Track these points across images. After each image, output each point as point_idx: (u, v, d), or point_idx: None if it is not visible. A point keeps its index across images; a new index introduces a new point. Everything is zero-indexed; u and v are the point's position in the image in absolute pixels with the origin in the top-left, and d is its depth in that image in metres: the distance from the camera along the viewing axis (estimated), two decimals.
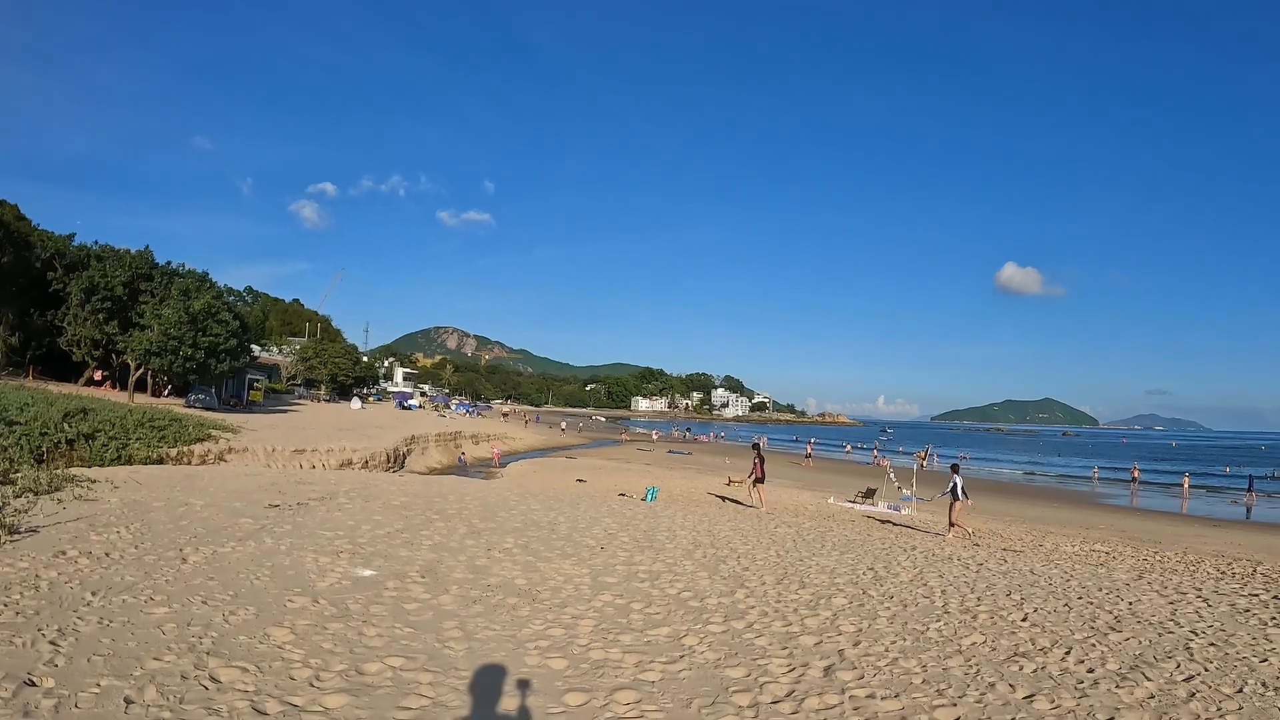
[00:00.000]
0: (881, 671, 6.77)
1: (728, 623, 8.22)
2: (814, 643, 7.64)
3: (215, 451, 28.61)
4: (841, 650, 7.40)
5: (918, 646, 7.62)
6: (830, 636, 7.89)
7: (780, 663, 6.95)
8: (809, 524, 19.39)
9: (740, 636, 7.73)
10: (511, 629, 7.53)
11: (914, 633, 8.16)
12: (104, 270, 49.78)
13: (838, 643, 7.67)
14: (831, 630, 8.14)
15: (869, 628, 8.29)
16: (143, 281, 51.28)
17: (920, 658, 7.21)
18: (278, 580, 8.72)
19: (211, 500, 14.22)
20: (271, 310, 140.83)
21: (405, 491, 17.71)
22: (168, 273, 53.60)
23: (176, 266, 55.12)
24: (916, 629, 8.32)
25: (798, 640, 7.69)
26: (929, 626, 8.42)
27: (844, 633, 8.05)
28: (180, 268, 55.21)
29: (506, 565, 10.46)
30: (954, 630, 8.30)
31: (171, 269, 54.48)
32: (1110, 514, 36.95)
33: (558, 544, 12.45)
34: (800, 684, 6.41)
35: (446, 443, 54.90)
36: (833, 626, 8.29)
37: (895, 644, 7.68)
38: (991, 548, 18.89)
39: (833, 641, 7.71)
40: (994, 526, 25.94)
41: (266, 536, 11.16)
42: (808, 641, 7.68)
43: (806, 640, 7.70)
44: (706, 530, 15.44)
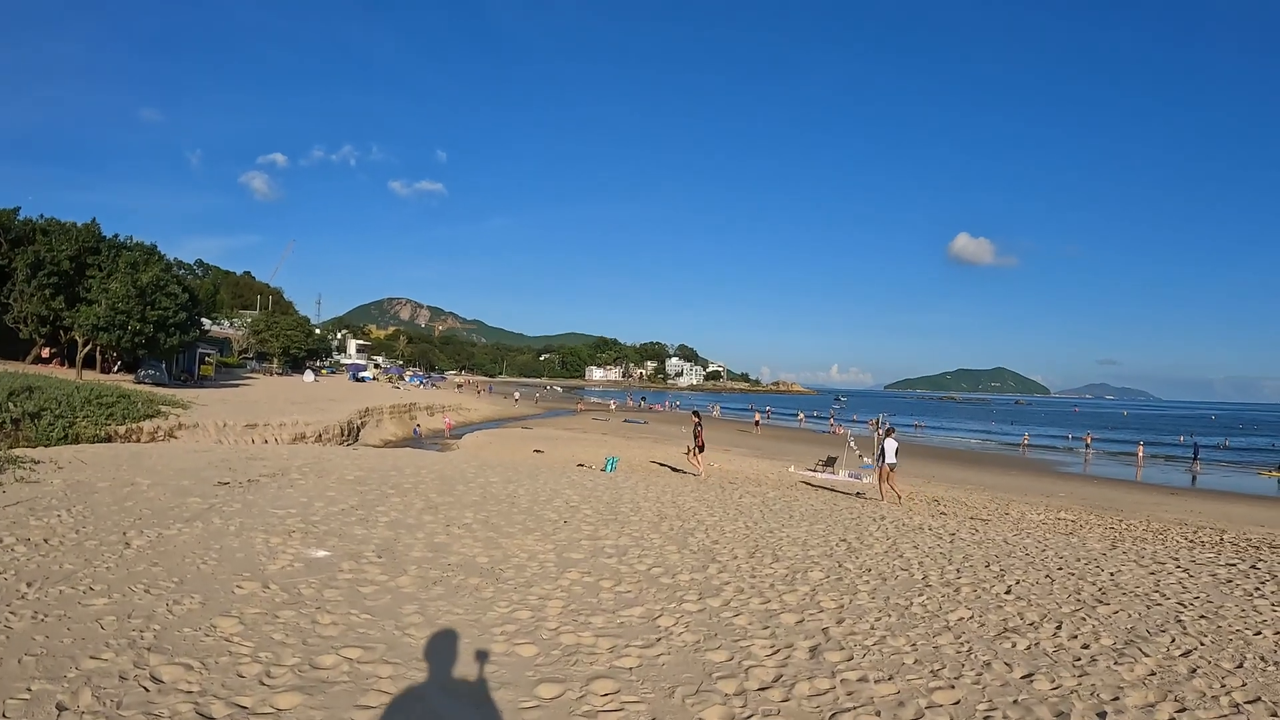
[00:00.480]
0: (870, 652, 6.46)
1: (703, 600, 7.83)
2: (795, 621, 7.31)
3: (165, 428, 27.79)
4: (826, 629, 7.08)
5: (904, 623, 7.34)
6: (812, 614, 7.56)
7: (763, 644, 6.58)
8: (773, 494, 19.11)
9: (718, 615, 7.35)
10: (475, 612, 7.03)
11: (898, 608, 7.88)
12: (50, 244, 48.11)
13: (820, 620, 7.34)
14: (812, 607, 7.81)
15: (850, 604, 8.00)
16: (90, 255, 49.64)
17: (908, 635, 6.94)
18: (226, 564, 8.12)
19: (159, 479, 13.51)
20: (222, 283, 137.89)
21: (360, 466, 17.14)
22: (115, 246, 51.98)
23: (124, 240, 53.55)
24: (899, 604, 8.05)
25: (778, 619, 7.34)
26: (912, 601, 8.16)
27: (825, 609, 7.73)
28: (128, 241, 53.67)
29: (467, 542, 9.98)
30: (938, 605, 8.06)
31: (119, 242, 52.90)
32: (1069, 482, 37.37)
33: (519, 518, 12.00)
34: (787, 667, 6.04)
35: (401, 415, 54.17)
36: (813, 603, 7.97)
37: (880, 621, 7.39)
38: (960, 516, 18.82)
39: (815, 619, 7.37)
40: (956, 494, 25.97)
41: (215, 517, 10.52)
42: (789, 620, 7.33)
43: (788, 619, 7.36)
44: (670, 501, 15.09)
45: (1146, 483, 40.56)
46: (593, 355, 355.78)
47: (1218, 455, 63.18)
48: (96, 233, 51.65)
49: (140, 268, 47.60)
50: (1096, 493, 31.75)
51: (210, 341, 73.52)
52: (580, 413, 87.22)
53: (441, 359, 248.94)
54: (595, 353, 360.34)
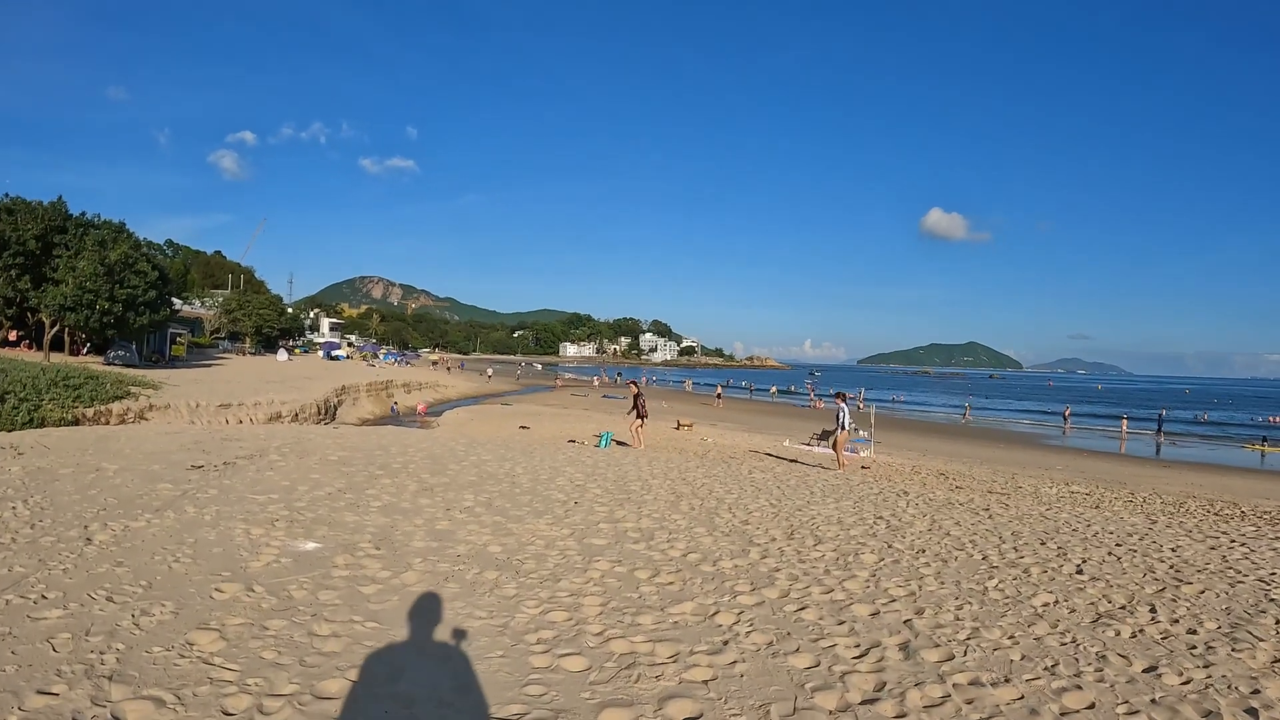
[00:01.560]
0: (969, 648, 5.55)
1: (758, 592, 6.81)
2: (870, 613, 6.34)
3: (135, 410, 26.44)
4: (908, 621, 6.14)
5: (988, 612, 6.44)
6: (884, 604, 6.60)
7: (846, 643, 5.60)
8: (780, 468, 18.20)
9: (781, 610, 6.34)
10: (501, 615, 5.92)
11: (974, 594, 6.98)
12: (15, 224, 46.07)
13: (897, 611, 6.40)
14: (880, 595, 6.86)
15: (922, 590, 7.07)
16: (56, 234, 47.59)
17: (1001, 626, 6.07)
18: (202, 562, 6.92)
19: (126, 464, 12.23)
20: (193, 263, 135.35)
21: (342, 445, 15.95)
22: (82, 224, 49.88)
23: (91, 218, 51.46)
24: (974, 589, 7.15)
25: (850, 611, 6.37)
26: (985, 586, 7.28)
27: (896, 598, 6.78)
28: (95, 219, 51.55)
29: (473, 528, 8.86)
30: (1015, 589, 7.19)
31: (86, 220, 50.79)
32: (1060, 455, 36.87)
33: (523, 499, 10.91)
34: (885, 671, 5.08)
35: (378, 392, 52.89)
36: (879, 590, 7.02)
37: (964, 610, 6.48)
38: (976, 490, 17.98)
39: (891, 610, 6.42)
40: (957, 468, 25.21)
41: (188, 505, 9.30)
42: (862, 612, 6.36)
43: (860, 611, 6.39)
44: (679, 478, 14.07)
45: (1135, 455, 40.14)
46: (566, 332, 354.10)
47: (1197, 429, 63.33)
48: (63, 211, 49.60)
49: (108, 246, 45.69)
50: (1093, 466, 31.19)
51: (182, 321, 71.61)
52: (558, 389, 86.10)
53: (415, 337, 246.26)
54: (569, 329, 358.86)
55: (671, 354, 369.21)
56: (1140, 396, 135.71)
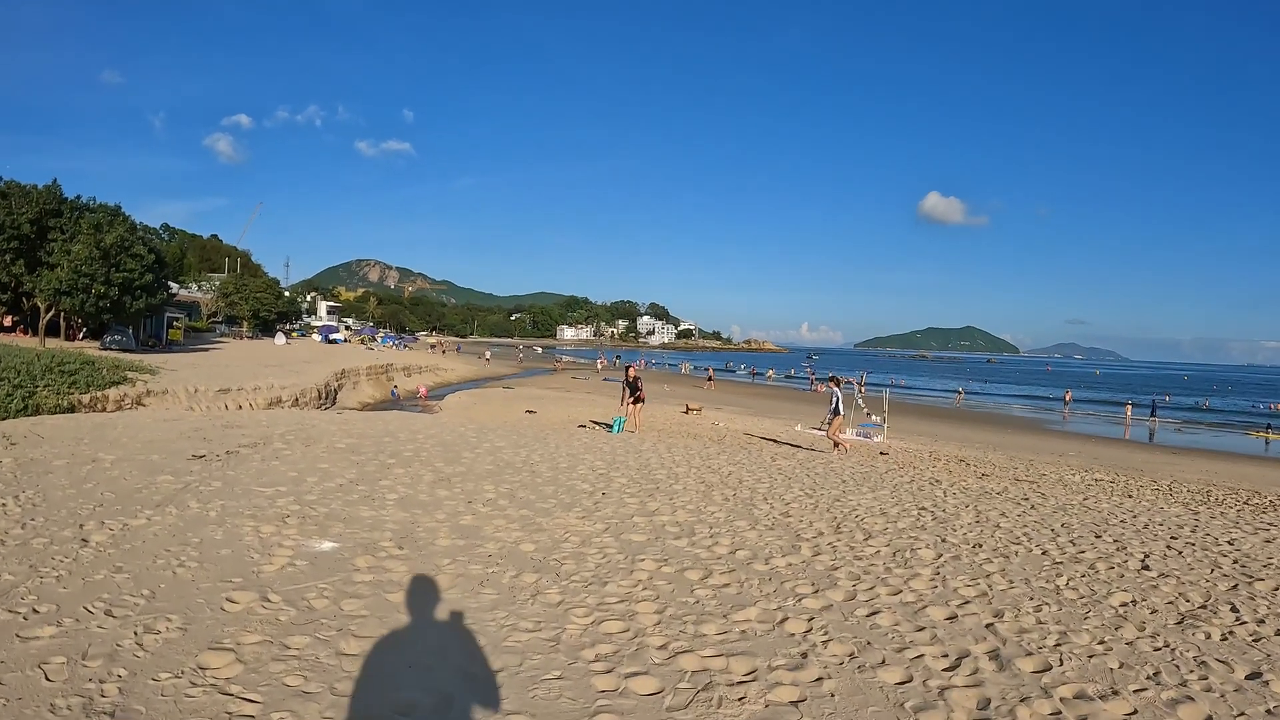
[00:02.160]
0: (1062, 655, 5.09)
1: (822, 594, 6.22)
2: (946, 617, 5.80)
3: (132, 395, 25.78)
4: (990, 626, 5.62)
5: (1069, 614, 5.96)
6: (958, 605, 6.06)
7: (932, 653, 5.07)
8: (800, 454, 17.60)
9: (852, 614, 5.77)
10: (549, 627, 5.28)
11: (1047, 593, 6.48)
12: (9, 208, 45.12)
13: (975, 614, 5.87)
14: (951, 596, 6.32)
15: (993, 590, 6.54)
16: (51, 218, 46.66)
17: (1087, 629, 5.61)
18: (209, 566, 6.26)
19: (124, 454, 11.56)
20: (189, 247, 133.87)
21: (349, 431, 15.30)
22: (78, 208, 48.97)
23: (87, 201, 50.53)
24: (1046, 587, 6.66)
25: (926, 615, 5.82)
26: (1056, 584, 6.78)
27: (968, 599, 6.25)
28: (91, 202, 50.61)
29: (499, 523, 8.24)
30: (1088, 587, 6.74)
31: (82, 204, 49.84)
32: (1068, 440, 36.45)
33: (547, 490, 10.29)
34: (984, 686, 4.57)
35: (378, 376, 52.25)
36: (949, 590, 6.48)
37: (1043, 611, 5.99)
38: (1001, 478, 17.40)
39: (968, 613, 5.87)
40: (972, 454, 24.63)
41: (191, 499, 8.65)
42: (937, 615, 5.82)
43: (936, 614, 5.84)
44: (704, 465, 13.46)
45: (1142, 442, 39.75)
46: (563, 314, 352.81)
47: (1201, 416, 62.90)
48: (58, 194, 48.58)
49: (104, 229, 44.79)
50: (1105, 452, 30.66)
51: (178, 305, 70.76)
52: (558, 371, 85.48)
53: (412, 320, 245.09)
54: (566, 312, 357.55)
55: (669, 337, 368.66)
56: (1139, 382, 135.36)
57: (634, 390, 23.07)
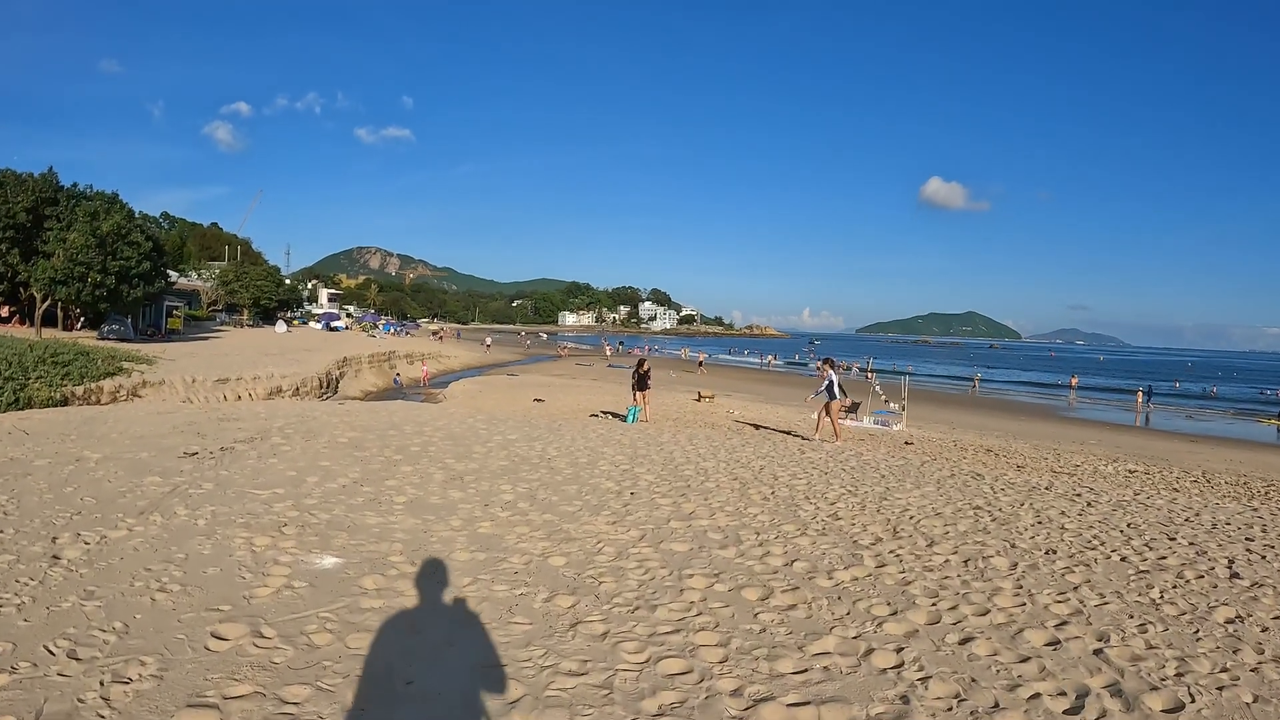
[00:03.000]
0: (1189, 688, 4.41)
1: (903, 616, 5.42)
2: (1045, 642, 5.03)
3: (128, 387, 25.04)
4: (1099, 652, 4.88)
5: (1177, 634, 5.25)
6: (1054, 626, 5.31)
7: (1048, 689, 4.33)
8: (828, 445, 16.72)
9: (943, 642, 4.97)
10: (600, 667, 4.38)
11: (1145, 609, 5.76)
12: (4, 196, 44.11)
13: (1077, 637, 5.12)
14: (1044, 615, 5.54)
15: (1085, 606, 5.77)
16: (47, 207, 45.61)
17: (1204, 654, 4.93)
18: (194, 590, 5.38)
19: (111, 452, 10.69)
20: (190, 235, 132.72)
21: (351, 424, 14.44)
22: (74, 196, 47.87)
23: (84, 189, 49.45)
24: (1141, 602, 5.92)
25: (1023, 640, 5.04)
26: (1151, 597, 6.06)
27: (1062, 618, 5.49)
28: (88, 190, 49.54)
29: (522, 530, 7.39)
30: (1185, 600, 6.02)
31: (78, 192, 48.77)
32: (1084, 428, 35.95)
33: (569, 490, 9.45)
34: None
35: (380, 364, 51.52)
36: (1039, 608, 5.70)
37: (1149, 632, 5.28)
38: (1038, 470, 16.59)
39: (1070, 637, 5.12)
40: (996, 443, 23.87)
41: (179, 505, 7.78)
42: (1036, 640, 5.04)
43: (1034, 639, 5.06)
44: (731, 458, 12.63)
45: (1159, 429, 39.03)
46: (565, 301, 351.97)
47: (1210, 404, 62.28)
48: (54, 183, 47.56)
49: (100, 217, 43.76)
50: (1125, 440, 29.90)
51: (178, 294, 69.62)
52: (562, 358, 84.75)
53: (413, 307, 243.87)
54: (568, 298, 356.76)
55: (671, 323, 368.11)
56: (1143, 367, 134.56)
57: (644, 381, 22.34)
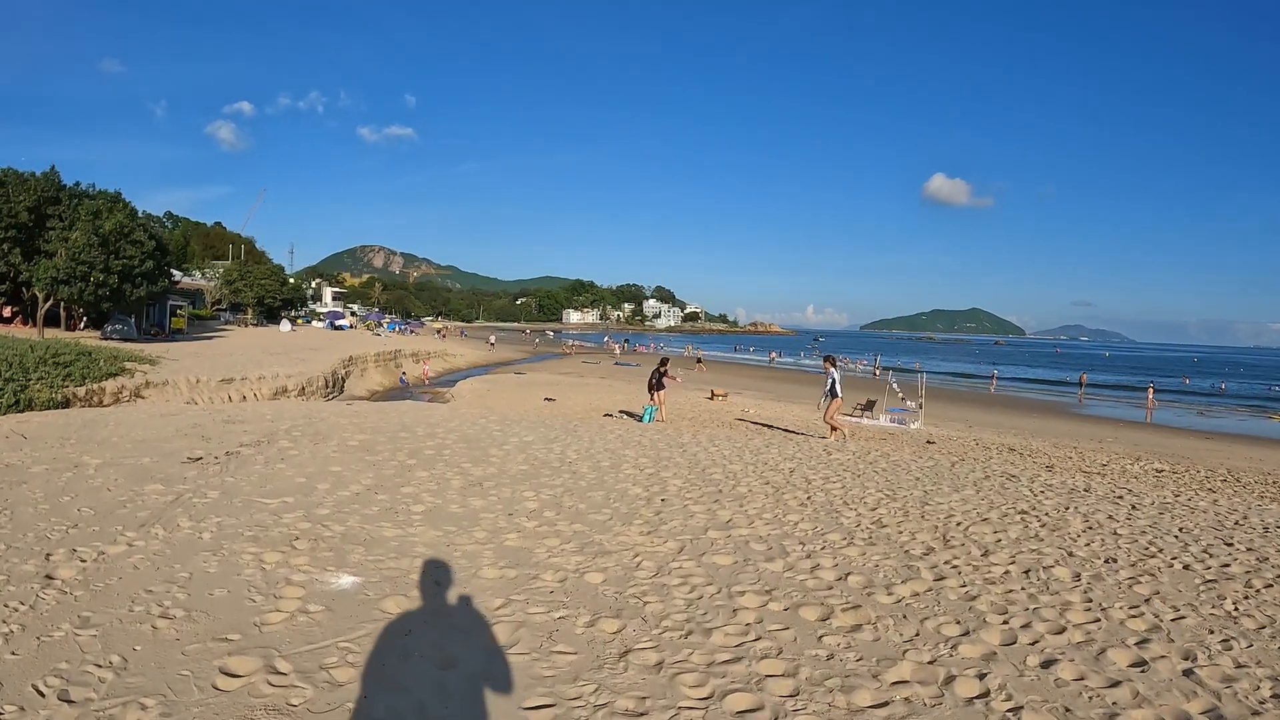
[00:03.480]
0: None
1: (976, 637, 4.96)
2: (1131, 663, 4.64)
3: (130, 387, 24.61)
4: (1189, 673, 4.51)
5: (1263, 650, 4.93)
6: (1137, 644, 4.92)
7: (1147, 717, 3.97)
8: (854, 445, 16.23)
9: (1024, 665, 4.54)
10: (656, 708, 3.90)
11: (1222, 622, 5.44)
12: (6, 196, 43.67)
13: (1163, 656, 4.75)
14: (1123, 632, 5.14)
15: (1163, 620, 5.39)
16: (50, 206, 45.19)
17: None
18: (199, 615, 4.87)
19: (112, 456, 10.21)
20: (193, 235, 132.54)
21: (361, 426, 13.94)
22: (76, 194, 47.42)
23: (87, 187, 49.00)
24: (1217, 615, 5.58)
25: (1108, 660, 4.64)
26: (1226, 610, 5.71)
27: (1141, 634, 5.11)
28: (90, 188, 49.08)
29: (552, 543, 6.89)
30: (1262, 612, 5.68)
31: (81, 190, 48.30)
32: (1099, 425, 35.39)
33: (595, 496, 8.95)
34: None
35: (386, 362, 51.07)
36: (1115, 624, 5.29)
37: (1233, 649, 4.93)
38: (1068, 470, 16.10)
39: (1155, 656, 4.75)
40: (1016, 441, 23.44)
41: (182, 516, 7.29)
42: (1122, 661, 4.66)
43: (1119, 659, 4.67)
44: (757, 460, 12.16)
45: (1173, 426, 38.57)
46: (569, 298, 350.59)
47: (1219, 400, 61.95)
48: (56, 182, 47.07)
49: (102, 215, 43.29)
50: (1142, 438, 29.44)
51: (182, 294, 69.12)
52: (569, 356, 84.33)
53: (417, 305, 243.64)
54: (572, 296, 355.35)
55: (675, 320, 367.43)
56: (1149, 364, 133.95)
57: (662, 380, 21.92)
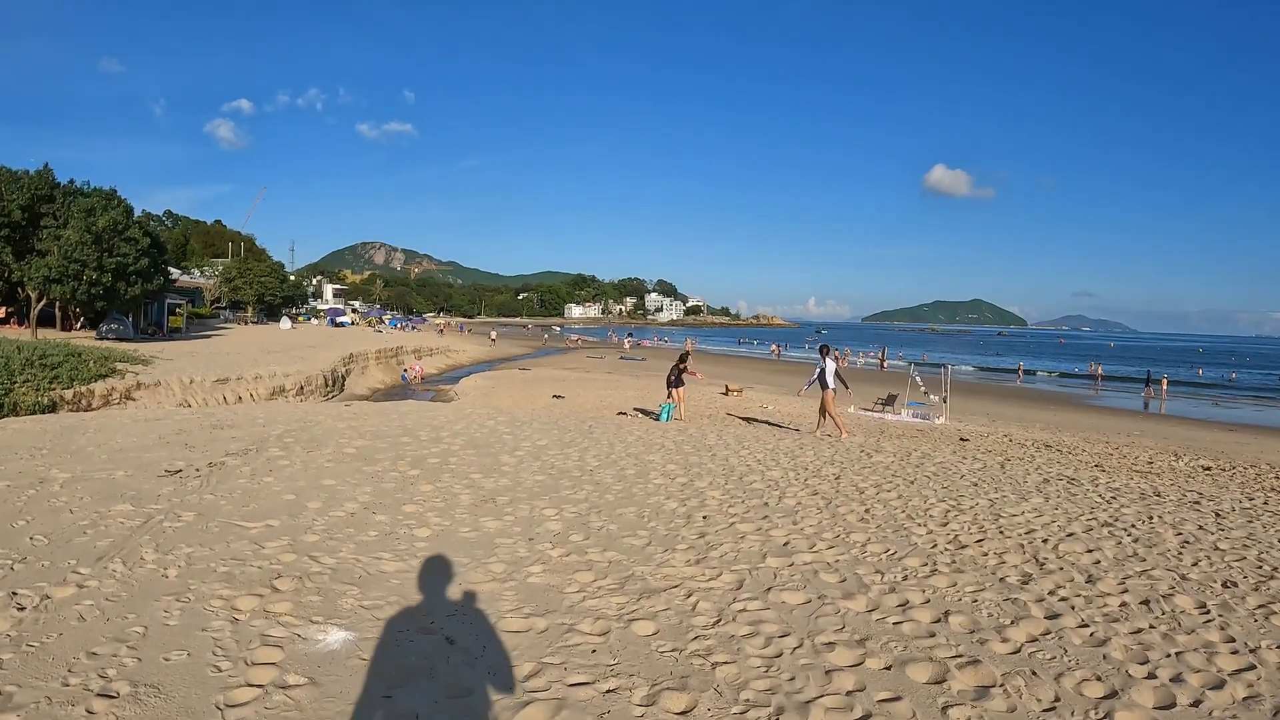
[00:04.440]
0: None
1: (1125, 698, 3.95)
2: None
3: (120, 389, 23.61)
4: None
5: None
6: None
7: None
8: (889, 445, 15.15)
9: None
10: None
11: None
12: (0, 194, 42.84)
13: None
14: None
15: None
16: (44, 204, 44.23)
17: None
18: (148, 693, 3.73)
19: (84, 469, 9.10)
20: (193, 233, 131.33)
21: (359, 430, 12.86)
22: (71, 192, 46.37)
23: (81, 185, 47.85)
24: None
25: None
26: None
27: None
28: (85, 186, 47.91)
29: (584, 578, 5.79)
30: None
31: (75, 188, 47.18)
32: (1123, 418, 34.37)
33: (627, 514, 7.83)
34: None
35: (387, 359, 50.06)
36: (1273, 669, 4.34)
37: None
38: (1119, 470, 15.06)
39: None
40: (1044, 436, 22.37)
41: (147, 546, 6.20)
42: None
43: None
44: (794, 464, 11.12)
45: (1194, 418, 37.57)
46: (571, 293, 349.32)
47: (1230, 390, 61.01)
48: (50, 179, 46.03)
49: (96, 213, 42.21)
50: (1170, 430, 28.42)
51: (180, 292, 67.96)
52: (573, 350, 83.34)
53: (419, 301, 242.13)
54: (573, 290, 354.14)
55: (677, 314, 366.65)
56: (1154, 354, 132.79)
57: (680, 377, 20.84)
